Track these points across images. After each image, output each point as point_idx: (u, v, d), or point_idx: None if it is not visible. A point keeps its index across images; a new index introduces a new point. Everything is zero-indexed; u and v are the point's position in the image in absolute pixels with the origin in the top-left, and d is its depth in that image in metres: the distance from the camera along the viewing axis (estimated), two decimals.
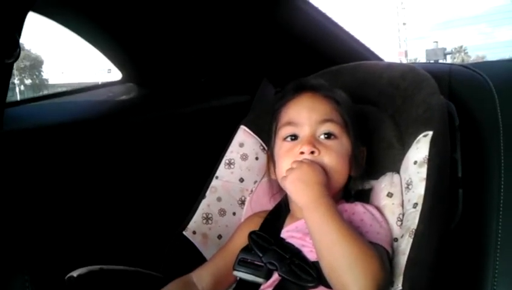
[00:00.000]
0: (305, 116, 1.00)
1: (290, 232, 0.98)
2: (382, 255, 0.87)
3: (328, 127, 0.99)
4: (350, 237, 0.83)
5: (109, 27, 1.47)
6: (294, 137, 1.01)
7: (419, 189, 0.91)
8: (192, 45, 1.58)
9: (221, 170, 1.20)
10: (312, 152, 0.96)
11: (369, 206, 0.98)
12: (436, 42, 20.31)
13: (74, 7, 1.33)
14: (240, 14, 1.51)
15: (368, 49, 1.67)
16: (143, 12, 1.40)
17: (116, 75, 1.75)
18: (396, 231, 0.94)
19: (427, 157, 0.92)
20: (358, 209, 0.97)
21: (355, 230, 0.86)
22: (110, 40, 1.54)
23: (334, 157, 0.97)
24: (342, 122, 1.01)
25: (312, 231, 0.87)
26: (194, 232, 1.14)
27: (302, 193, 0.90)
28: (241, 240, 1.01)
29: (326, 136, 0.99)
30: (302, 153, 0.97)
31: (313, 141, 0.97)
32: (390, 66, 1.19)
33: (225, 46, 1.62)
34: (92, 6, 1.34)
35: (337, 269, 0.82)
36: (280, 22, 1.57)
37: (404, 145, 1.05)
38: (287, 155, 1.00)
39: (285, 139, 1.02)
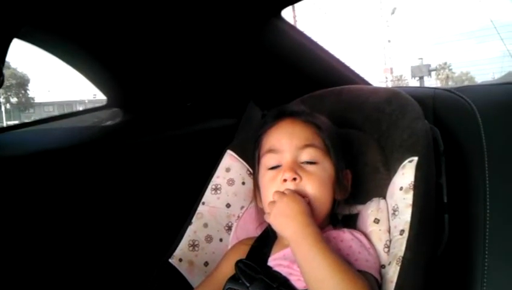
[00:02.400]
0: (285, 142, 1.01)
1: (277, 261, 0.97)
2: (372, 283, 0.87)
3: (309, 152, 1.00)
4: (339, 269, 0.83)
5: (94, 52, 1.47)
6: (277, 167, 1.01)
7: (405, 215, 0.91)
8: (178, 69, 1.59)
9: (208, 196, 1.19)
10: (294, 178, 0.96)
11: (356, 233, 0.98)
12: (421, 59, 20.51)
13: (59, 34, 1.33)
14: (226, 38, 1.52)
15: (353, 72, 1.69)
16: (128, 38, 1.40)
17: (101, 97, 1.74)
18: (384, 257, 0.94)
19: (413, 183, 0.92)
20: (346, 236, 0.97)
21: (343, 260, 0.86)
22: (95, 65, 1.53)
23: (317, 183, 0.97)
24: (323, 146, 1.02)
25: (300, 264, 0.87)
26: (180, 260, 1.12)
27: (287, 226, 0.91)
28: (228, 269, 1.00)
29: (307, 160, 0.99)
30: (284, 180, 0.97)
31: (295, 168, 0.98)
32: (376, 90, 1.20)
33: (211, 69, 1.63)
34: (76, 32, 1.34)
35: None
36: (266, 45, 1.58)
37: (390, 170, 1.05)
38: (270, 185, 1.00)
39: (268, 169, 1.02)
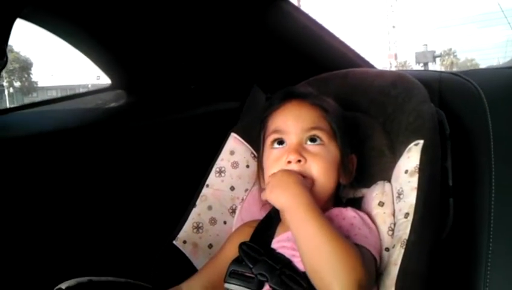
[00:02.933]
0: (291, 124, 1.00)
1: (280, 243, 0.97)
2: (367, 258, 0.87)
3: (315, 134, 0.99)
4: (333, 237, 0.83)
5: (98, 34, 1.46)
6: (280, 142, 1.01)
7: (410, 198, 0.90)
8: (182, 52, 1.58)
9: (212, 178, 1.19)
10: (299, 161, 0.96)
11: (360, 212, 0.98)
12: (426, 45, 20.39)
13: (63, 14, 1.33)
14: (230, 20, 1.51)
15: (358, 56, 1.67)
16: (132, 19, 1.39)
17: (105, 80, 1.74)
18: (388, 241, 0.94)
19: (418, 166, 0.92)
20: (348, 213, 0.97)
21: (337, 229, 0.86)
22: (99, 46, 1.53)
23: (322, 164, 0.97)
24: (330, 130, 1.01)
25: (294, 233, 0.87)
26: (185, 242, 1.13)
27: (280, 196, 0.91)
28: (232, 251, 1.00)
29: (312, 141, 0.99)
30: (289, 162, 0.97)
31: (300, 149, 0.98)
32: (381, 73, 1.19)
33: (215, 52, 1.62)
34: (80, 13, 1.33)
35: (319, 268, 0.82)
36: (270, 28, 1.57)
37: (395, 154, 1.04)
38: (274, 165, 1.00)
39: (272, 146, 1.02)
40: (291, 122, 1.01)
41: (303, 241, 0.85)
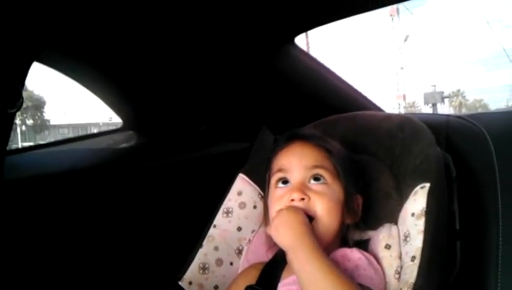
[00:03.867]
0: (295, 163, 1.02)
1: (286, 286, 0.97)
2: None
3: (318, 172, 1.01)
4: (334, 276, 0.83)
5: (110, 75, 1.49)
6: (284, 182, 1.02)
7: (417, 242, 0.90)
8: (192, 93, 1.61)
9: (219, 219, 1.19)
10: (302, 199, 0.97)
11: (366, 253, 0.98)
12: (434, 86, 20.48)
13: (75, 56, 1.36)
14: (240, 63, 1.54)
15: (365, 98, 1.70)
16: (144, 61, 1.43)
17: (117, 120, 1.77)
18: (394, 284, 0.93)
19: (425, 209, 0.92)
20: (354, 255, 0.96)
21: (340, 270, 0.86)
22: (111, 88, 1.56)
23: (325, 202, 0.98)
24: (333, 170, 1.03)
25: (297, 271, 0.87)
26: (190, 283, 1.12)
27: (284, 235, 0.92)
28: None
29: (315, 180, 1.00)
30: (292, 200, 0.98)
31: (303, 188, 0.99)
32: (389, 116, 1.21)
33: (225, 94, 1.65)
34: (92, 54, 1.37)
35: None
36: (279, 71, 1.60)
37: (402, 196, 1.05)
38: (277, 203, 1.01)
39: (276, 185, 1.04)
40: (295, 161, 1.02)
41: (305, 281, 0.86)
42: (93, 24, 1.18)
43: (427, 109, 19.86)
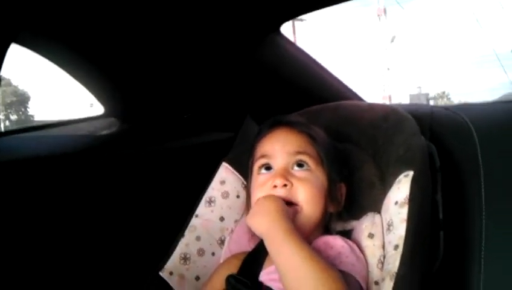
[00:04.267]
0: (278, 149, 1.01)
1: (269, 275, 0.95)
2: (351, 284, 0.86)
3: (302, 159, 1.00)
4: (311, 259, 0.82)
5: (92, 61, 1.47)
6: (268, 168, 1.01)
7: (400, 230, 0.89)
8: (175, 81, 1.59)
9: (201, 208, 1.18)
10: (285, 185, 0.96)
11: (349, 241, 0.97)
12: (420, 87, 20.71)
13: (57, 40, 1.34)
14: (224, 51, 1.53)
15: (349, 89, 1.70)
16: (127, 47, 1.41)
17: (98, 109, 1.74)
18: (377, 273, 0.92)
19: (408, 197, 0.91)
20: (337, 242, 0.95)
21: (320, 257, 0.85)
22: (93, 73, 1.54)
23: (308, 189, 0.97)
24: (317, 156, 1.02)
25: (274, 257, 0.87)
26: (171, 273, 1.10)
27: (260, 223, 0.91)
28: (219, 284, 0.98)
29: (299, 166, 0.99)
30: (275, 186, 0.97)
31: (286, 174, 0.98)
32: (372, 107, 1.20)
33: (209, 83, 1.63)
34: (75, 39, 1.34)
35: None
36: (264, 60, 1.59)
37: (385, 185, 1.04)
38: (260, 189, 1.00)
39: (259, 172, 1.03)
40: (278, 146, 1.01)
41: (283, 267, 0.85)
42: (76, 6, 1.15)
43: None
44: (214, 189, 1.19)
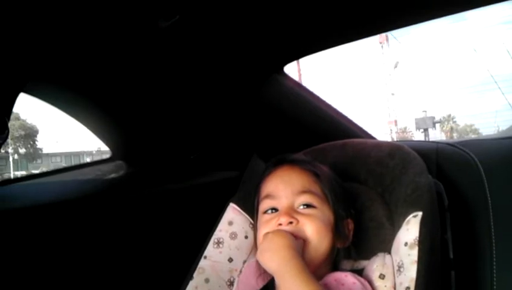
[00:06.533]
0: (282, 189, 1.02)
1: None
2: None
3: (306, 198, 1.00)
4: None
5: (98, 106, 1.49)
6: (274, 210, 1.02)
7: (411, 272, 0.89)
8: (181, 123, 1.60)
9: (210, 250, 1.17)
10: (290, 222, 0.97)
11: (361, 278, 0.96)
12: (425, 111, 20.69)
13: (63, 87, 1.36)
14: (229, 92, 1.54)
15: (356, 125, 1.70)
16: (133, 92, 1.43)
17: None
18: None
19: (418, 238, 0.91)
20: (348, 279, 0.94)
21: None
22: (99, 118, 1.56)
23: (314, 223, 0.97)
24: (322, 194, 1.02)
25: None
26: None
27: (271, 259, 0.91)
28: None
29: (305, 206, 1.00)
30: (280, 224, 0.97)
31: (291, 212, 0.98)
32: (378, 144, 1.20)
33: (214, 123, 1.64)
34: (80, 86, 1.37)
35: None
36: (268, 99, 1.60)
37: (394, 225, 1.04)
38: (265, 226, 1.00)
39: (265, 212, 1.03)
40: (282, 186, 1.02)
41: None
42: (82, 56, 1.18)
43: (419, 134, 20.00)
44: (222, 230, 1.19)
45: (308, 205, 1.00)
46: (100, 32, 1.08)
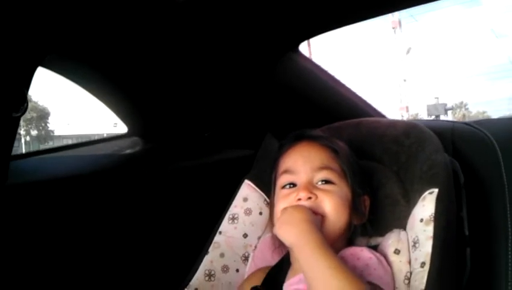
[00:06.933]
0: (301, 164, 1.02)
1: (292, 286, 0.96)
2: None
3: (325, 174, 1.00)
4: (341, 273, 0.82)
5: (115, 82, 1.50)
6: (292, 185, 1.02)
7: (426, 247, 0.89)
8: (196, 100, 1.61)
9: (225, 225, 1.19)
10: (309, 198, 0.97)
11: (376, 253, 0.97)
12: (437, 98, 20.54)
13: (81, 62, 1.36)
14: (244, 70, 1.54)
15: (369, 105, 1.70)
16: (149, 68, 1.43)
17: (122, 128, 1.77)
18: (404, 289, 0.92)
19: (433, 215, 0.91)
20: (364, 254, 0.95)
21: (348, 268, 0.85)
22: (116, 94, 1.56)
23: (333, 200, 0.98)
24: (340, 170, 1.02)
25: (303, 268, 0.87)
26: None
27: (289, 233, 0.91)
28: None
29: (323, 182, 1.00)
30: (299, 199, 0.98)
31: (310, 187, 0.99)
32: (393, 123, 1.20)
33: (229, 101, 1.65)
34: (98, 61, 1.37)
35: None
36: (283, 78, 1.60)
37: (410, 202, 1.04)
38: (284, 201, 1.01)
39: (283, 187, 1.03)
40: (301, 162, 1.02)
41: (312, 277, 0.85)
42: (100, 30, 1.18)
43: None
44: (237, 206, 1.21)
45: (326, 181, 1.00)
46: (118, 6, 1.08)
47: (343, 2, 1.30)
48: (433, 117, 19.04)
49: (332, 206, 0.97)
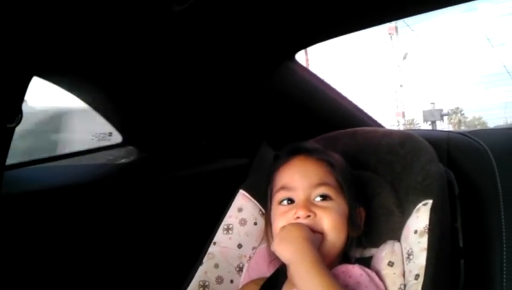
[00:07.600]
0: (298, 180, 1.01)
1: None
2: None
3: (323, 190, 1.00)
4: None
5: (110, 91, 1.49)
6: (290, 201, 1.02)
7: (420, 259, 0.89)
8: (192, 109, 1.61)
9: (219, 236, 1.18)
10: (308, 216, 0.97)
11: (367, 269, 0.96)
12: (433, 104, 20.57)
13: (75, 72, 1.36)
14: (240, 79, 1.54)
15: (366, 114, 1.70)
16: (145, 77, 1.43)
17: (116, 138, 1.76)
18: None
19: (428, 226, 0.91)
20: (355, 271, 0.95)
21: (342, 287, 0.85)
22: (111, 103, 1.56)
23: (331, 216, 0.98)
24: (337, 185, 1.02)
25: (298, 285, 0.87)
26: None
27: (286, 249, 0.91)
28: None
29: (321, 198, 1.00)
30: (298, 217, 0.97)
31: (308, 205, 0.98)
32: (389, 133, 1.20)
33: (225, 110, 1.65)
34: (93, 71, 1.37)
35: None
36: (279, 86, 1.60)
37: (404, 213, 1.04)
38: (281, 218, 1.00)
39: (280, 203, 1.03)
40: (298, 177, 1.02)
41: None
42: (95, 40, 1.18)
43: (426, 126, 19.88)
44: (232, 216, 1.20)
45: (324, 197, 1.00)
46: (113, 16, 1.08)
47: (341, 11, 1.30)
48: (429, 122, 19.11)
49: (331, 223, 0.97)
